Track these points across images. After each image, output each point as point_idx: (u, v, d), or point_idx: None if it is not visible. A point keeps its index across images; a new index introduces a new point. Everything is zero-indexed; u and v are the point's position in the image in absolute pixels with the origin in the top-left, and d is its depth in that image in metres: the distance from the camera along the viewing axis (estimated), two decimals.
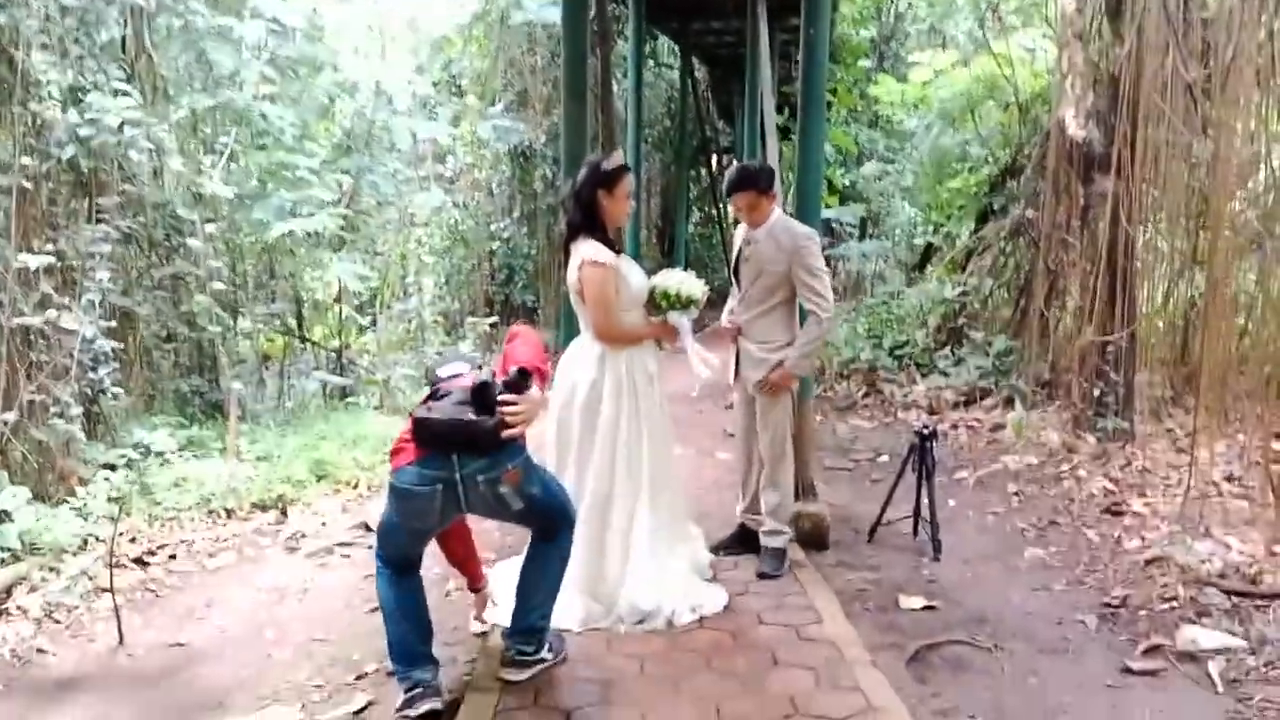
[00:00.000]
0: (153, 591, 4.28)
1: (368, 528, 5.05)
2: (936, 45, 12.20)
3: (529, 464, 2.95)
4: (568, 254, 3.64)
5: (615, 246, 3.62)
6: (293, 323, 8.65)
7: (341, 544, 4.85)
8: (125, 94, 5.42)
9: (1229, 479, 5.10)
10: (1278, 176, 5.22)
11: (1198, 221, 6.36)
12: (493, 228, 11.08)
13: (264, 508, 5.29)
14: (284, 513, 5.25)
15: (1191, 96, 5.93)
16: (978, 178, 9.36)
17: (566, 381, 3.71)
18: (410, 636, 2.99)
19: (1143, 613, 3.73)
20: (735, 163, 6.04)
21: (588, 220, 3.55)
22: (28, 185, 4.87)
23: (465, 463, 2.79)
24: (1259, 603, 3.63)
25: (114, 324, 5.34)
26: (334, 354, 8.18)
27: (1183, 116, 5.93)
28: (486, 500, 2.86)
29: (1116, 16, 6.16)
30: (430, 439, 2.80)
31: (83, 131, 5.12)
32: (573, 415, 3.66)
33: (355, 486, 5.75)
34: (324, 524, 5.16)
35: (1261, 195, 5.56)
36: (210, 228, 6.17)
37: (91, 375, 5.05)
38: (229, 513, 5.13)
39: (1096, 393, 5.89)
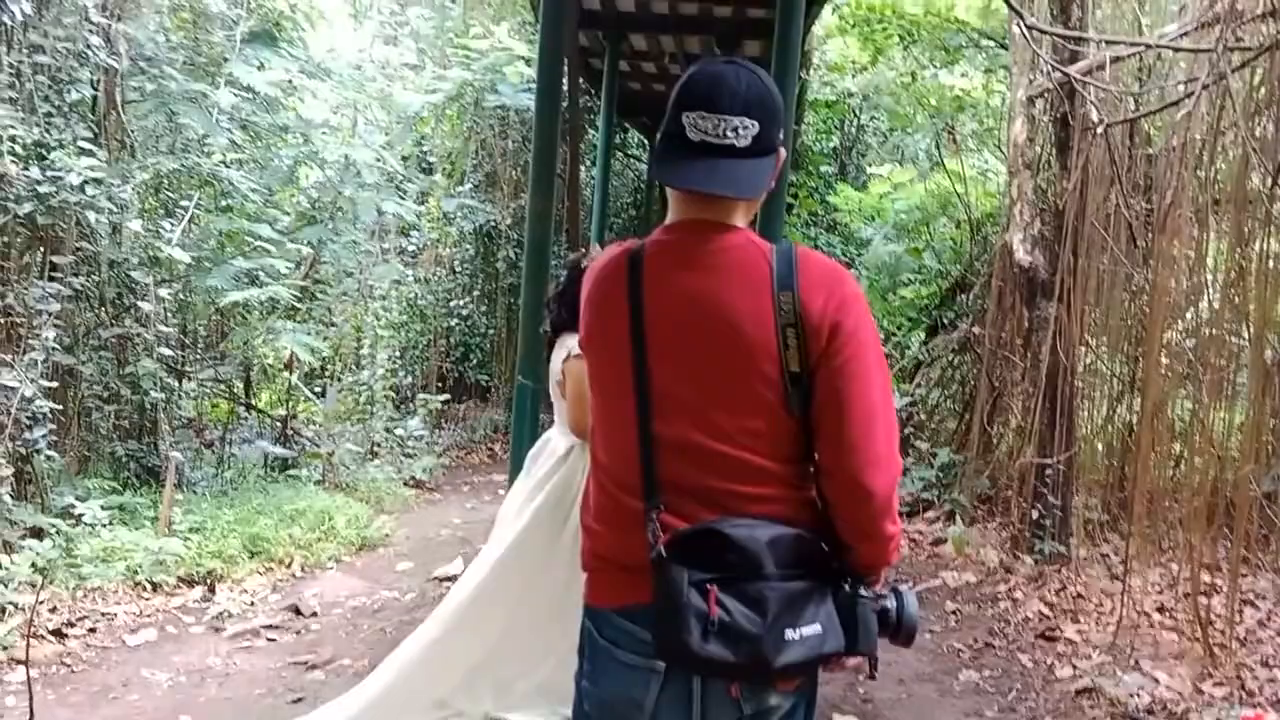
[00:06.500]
0: (68, 666, 4.14)
1: (297, 611, 4.93)
2: (895, 159, 12.63)
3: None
4: (551, 347, 3.68)
5: None
6: (239, 387, 8.54)
7: (269, 626, 4.72)
8: (90, 153, 5.41)
9: (1160, 609, 5.18)
10: (1214, 309, 5.44)
11: (1136, 348, 6.58)
12: (452, 305, 11.09)
13: (192, 583, 5.14)
14: (211, 589, 5.10)
15: (1131, 232, 6.20)
16: (929, 290, 9.61)
17: (536, 470, 3.70)
18: None
19: None
20: None
21: (573, 317, 3.58)
22: None
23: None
24: None
25: (55, 385, 5.22)
26: (279, 423, 8.05)
27: (1125, 249, 6.18)
28: None
29: (1064, 150, 6.45)
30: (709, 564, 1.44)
31: (43, 189, 5.09)
32: (527, 504, 3.61)
33: (289, 565, 5.61)
34: (252, 604, 5.02)
35: (1198, 328, 5.78)
36: (163, 291, 6.11)
37: (27, 435, 4.92)
38: (155, 586, 4.98)
39: (1035, 515, 5.98)
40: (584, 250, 3.75)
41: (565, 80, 7.62)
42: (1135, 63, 6.42)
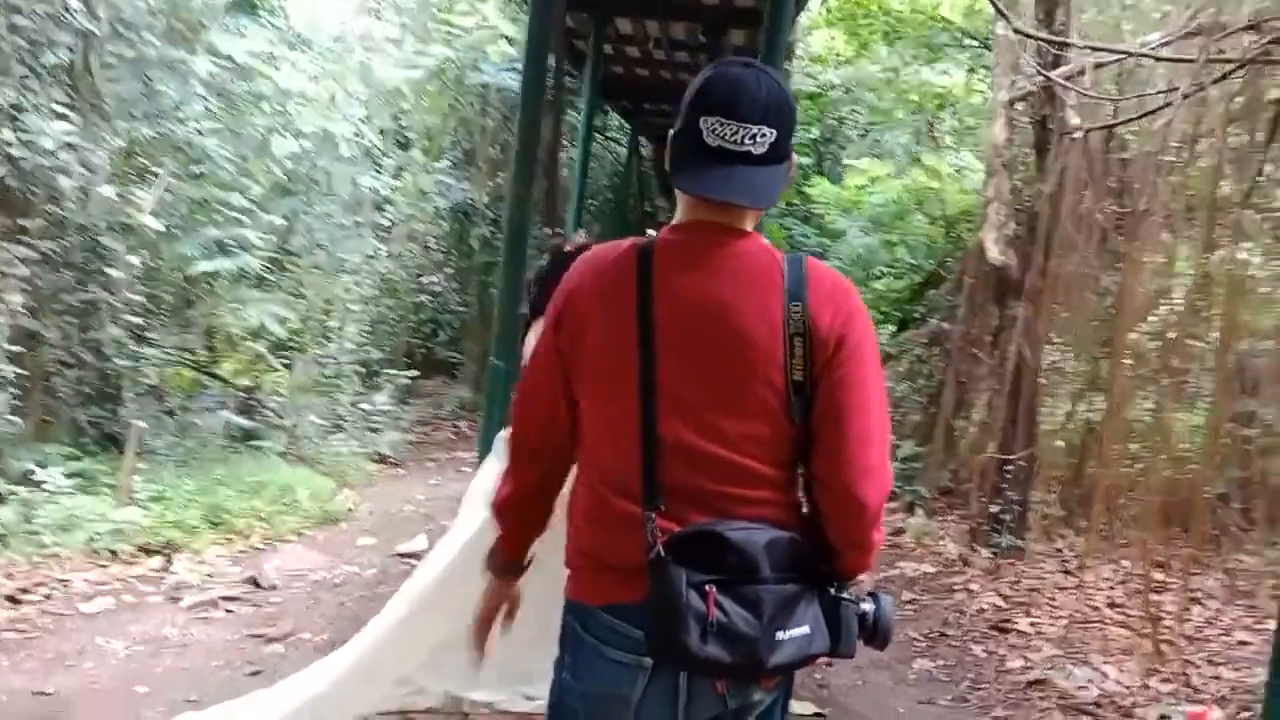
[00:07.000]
0: (22, 632, 4.09)
1: (257, 583, 4.91)
2: (874, 154, 12.70)
3: None
4: (527, 330, 3.67)
5: None
6: (204, 355, 8.43)
7: (226, 598, 4.68)
8: (65, 118, 5.31)
9: (1111, 605, 5.28)
10: (1180, 313, 5.53)
11: (1101, 349, 6.68)
12: (424, 281, 11.02)
13: (150, 552, 5.09)
14: (170, 560, 5.06)
15: (1104, 235, 6.27)
16: (901, 284, 9.70)
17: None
18: None
19: None
20: None
21: None
22: None
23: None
24: None
25: (18, 349, 5.14)
26: (243, 393, 7.97)
27: (1096, 252, 6.26)
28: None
29: (1042, 152, 6.51)
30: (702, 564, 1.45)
31: (14, 152, 5.00)
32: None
33: (249, 537, 5.58)
34: (210, 575, 4.98)
35: (1164, 331, 5.88)
36: (133, 258, 6.03)
37: None
38: (113, 554, 4.92)
39: (994, 509, 6.07)
40: (562, 232, 3.76)
41: (550, 61, 7.59)
42: (1116, 69, 6.48)
